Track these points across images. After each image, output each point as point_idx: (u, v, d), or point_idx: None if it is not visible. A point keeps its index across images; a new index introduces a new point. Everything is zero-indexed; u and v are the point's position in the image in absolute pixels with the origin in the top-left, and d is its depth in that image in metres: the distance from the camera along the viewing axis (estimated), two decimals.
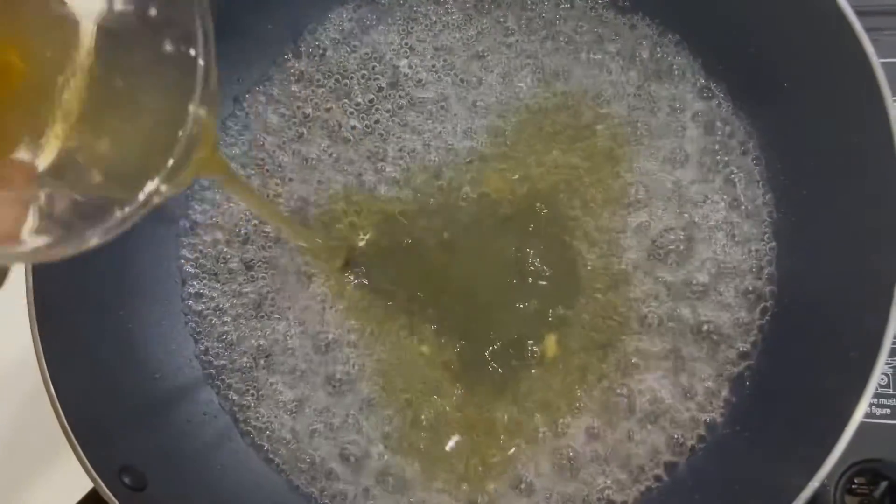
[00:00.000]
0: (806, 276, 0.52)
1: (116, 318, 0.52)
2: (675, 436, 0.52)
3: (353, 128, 0.58)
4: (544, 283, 0.54)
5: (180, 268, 0.57)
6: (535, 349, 0.53)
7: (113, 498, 0.43)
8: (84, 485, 0.45)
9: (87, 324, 0.50)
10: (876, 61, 0.45)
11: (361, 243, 0.56)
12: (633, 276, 0.54)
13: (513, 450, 0.52)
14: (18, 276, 0.45)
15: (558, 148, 0.56)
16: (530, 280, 0.54)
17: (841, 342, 0.46)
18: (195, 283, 0.57)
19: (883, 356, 0.42)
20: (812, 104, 0.51)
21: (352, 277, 0.55)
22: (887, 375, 0.55)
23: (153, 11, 0.31)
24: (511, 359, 0.53)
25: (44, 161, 0.31)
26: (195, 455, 0.52)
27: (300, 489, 0.53)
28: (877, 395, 0.54)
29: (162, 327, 0.55)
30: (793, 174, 0.53)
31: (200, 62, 0.31)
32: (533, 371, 0.53)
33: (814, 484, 0.42)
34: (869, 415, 0.54)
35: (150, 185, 0.31)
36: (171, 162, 0.31)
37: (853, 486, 0.52)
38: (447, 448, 0.53)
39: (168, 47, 0.31)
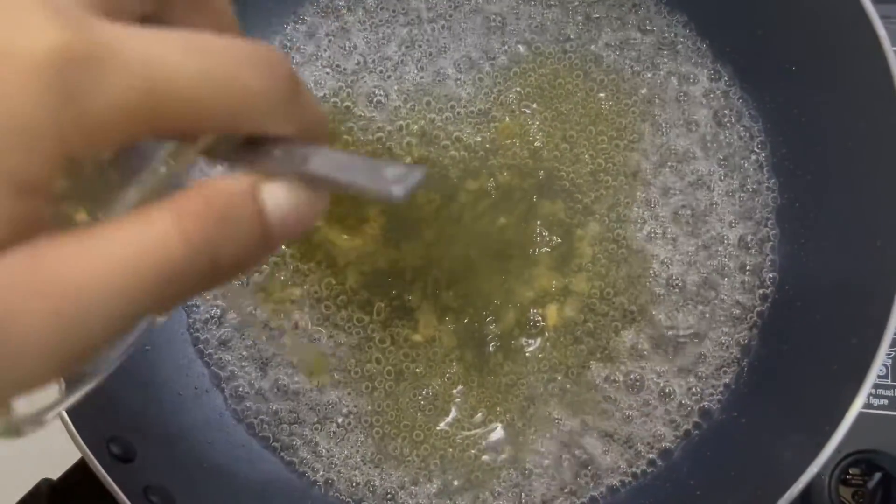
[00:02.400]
0: (808, 263, 0.51)
1: None
2: (672, 421, 0.52)
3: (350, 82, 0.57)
4: (547, 251, 0.54)
5: None
6: (537, 320, 0.53)
7: (100, 468, 0.42)
8: (72, 455, 0.44)
9: None
10: (888, 48, 0.45)
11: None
12: (635, 253, 0.53)
13: (507, 427, 0.52)
14: None
15: (561, 116, 0.56)
16: (534, 251, 0.54)
17: (842, 330, 0.46)
18: None
19: (885, 345, 0.42)
20: (820, 89, 0.50)
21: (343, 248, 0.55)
22: (886, 366, 0.55)
23: None
24: (513, 330, 0.53)
25: None
26: (185, 429, 0.52)
27: (293, 466, 0.53)
28: (875, 386, 0.54)
29: None
30: (798, 159, 0.53)
31: None
32: (532, 344, 0.53)
33: (812, 469, 0.41)
34: (866, 405, 0.53)
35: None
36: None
37: (848, 477, 0.52)
38: (440, 426, 0.52)
39: None
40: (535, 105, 0.56)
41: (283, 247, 0.55)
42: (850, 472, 0.52)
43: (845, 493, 0.52)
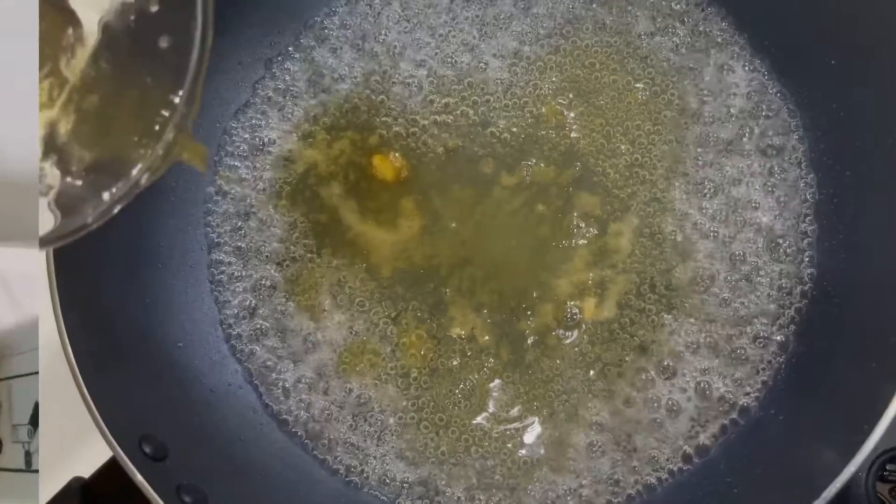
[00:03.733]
0: (846, 259, 0.51)
1: (140, 285, 0.50)
2: (709, 418, 0.51)
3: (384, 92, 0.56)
4: (584, 244, 0.53)
5: (206, 235, 0.55)
6: (574, 314, 0.52)
7: (132, 467, 0.41)
8: (103, 453, 0.43)
9: (108, 290, 0.48)
10: None
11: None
12: (672, 247, 0.53)
13: (543, 421, 0.52)
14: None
15: (598, 108, 0.55)
16: (571, 244, 0.53)
17: (881, 327, 0.46)
18: (220, 251, 0.55)
19: None
20: (860, 84, 0.50)
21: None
22: None
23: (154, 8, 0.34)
24: (550, 324, 0.52)
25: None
26: (217, 426, 0.51)
27: (327, 463, 0.52)
28: None
29: (187, 295, 0.53)
30: (837, 155, 0.52)
31: (192, 68, 0.34)
32: (569, 337, 0.52)
33: (850, 469, 0.41)
34: None
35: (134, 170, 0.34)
36: (153, 149, 0.34)
37: (885, 473, 0.52)
38: (476, 421, 0.52)
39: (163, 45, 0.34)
40: (571, 96, 0.55)
41: (313, 242, 0.54)
42: (888, 468, 0.52)
43: (882, 489, 0.52)
